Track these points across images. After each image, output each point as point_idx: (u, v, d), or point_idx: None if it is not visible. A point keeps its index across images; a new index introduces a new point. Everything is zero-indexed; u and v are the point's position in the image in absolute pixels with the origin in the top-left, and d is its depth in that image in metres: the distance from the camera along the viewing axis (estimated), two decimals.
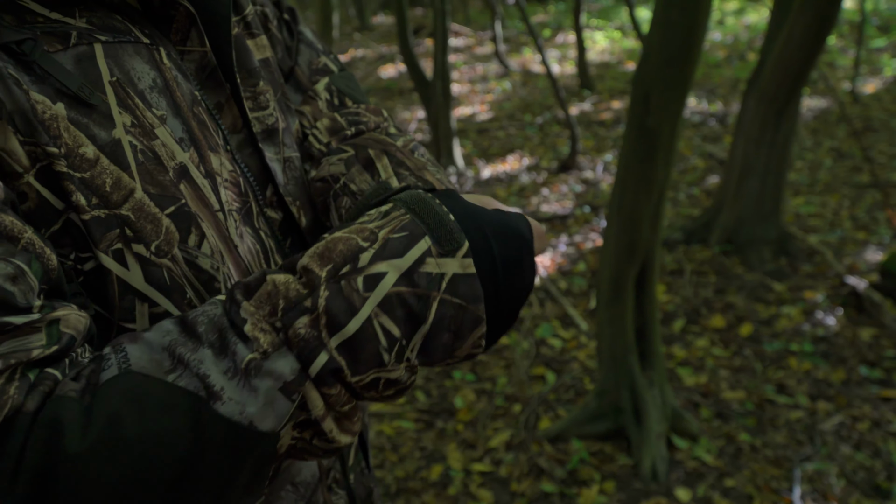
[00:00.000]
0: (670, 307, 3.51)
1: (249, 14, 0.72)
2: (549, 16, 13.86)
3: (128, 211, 0.53)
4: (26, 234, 0.48)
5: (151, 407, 0.45)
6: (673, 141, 2.32)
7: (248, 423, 0.46)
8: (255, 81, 0.68)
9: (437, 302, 0.50)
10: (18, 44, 0.50)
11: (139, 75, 0.56)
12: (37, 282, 0.47)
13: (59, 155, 0.50)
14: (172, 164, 0.56)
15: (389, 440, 2.71)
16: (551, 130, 6.54)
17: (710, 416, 2.75)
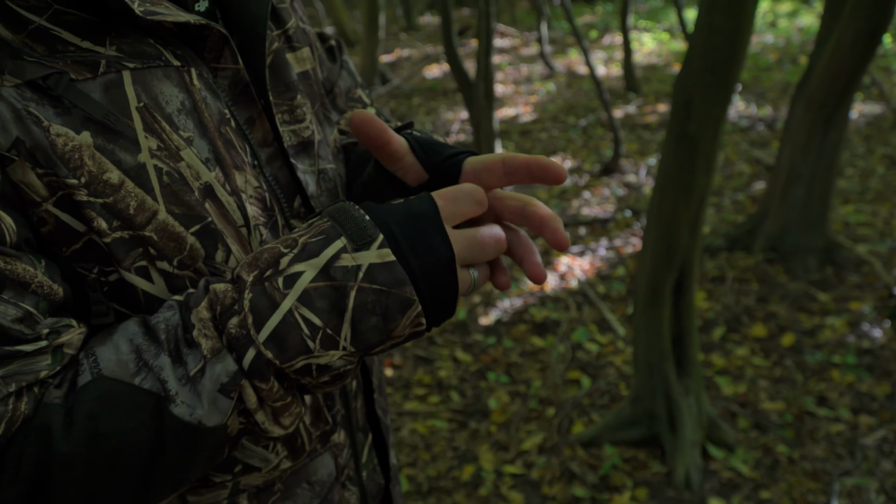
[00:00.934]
0: (710, 314, 3.46)
1: (291, 27, 0.74)
2: (597, 17, 13.75)
3: (151, 232, 0.56)
4: (36, 279, 0.53)
5: (121, 407, 0.52)
6: (714, 148, 2.29)
7: (198, 422, 0.53)
8: (293, 95, 0.70)
9: (354, 290, 0.54)
10: (44, 79, 0.53)
11: (167, 99, 0.58)
12: (42, 317, 0.54)
13: (79, 185, 0.54)
14: (198, 184, 0.59)
15: (423, 439, 2.74)
16: (595, 133, 6.50)
17: (748, 426, 2.71)
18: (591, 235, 4.42)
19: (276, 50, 0.70)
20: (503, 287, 0.65)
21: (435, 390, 3.04)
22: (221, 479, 0.67)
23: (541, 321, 3.48)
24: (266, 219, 0.64)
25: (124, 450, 0.52)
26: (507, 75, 8.96)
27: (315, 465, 0.73)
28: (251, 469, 0.68)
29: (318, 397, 0.72)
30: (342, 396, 0.77)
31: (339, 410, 0.76)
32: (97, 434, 0.51)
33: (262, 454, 0.68)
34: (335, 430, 0.75)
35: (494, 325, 3.48)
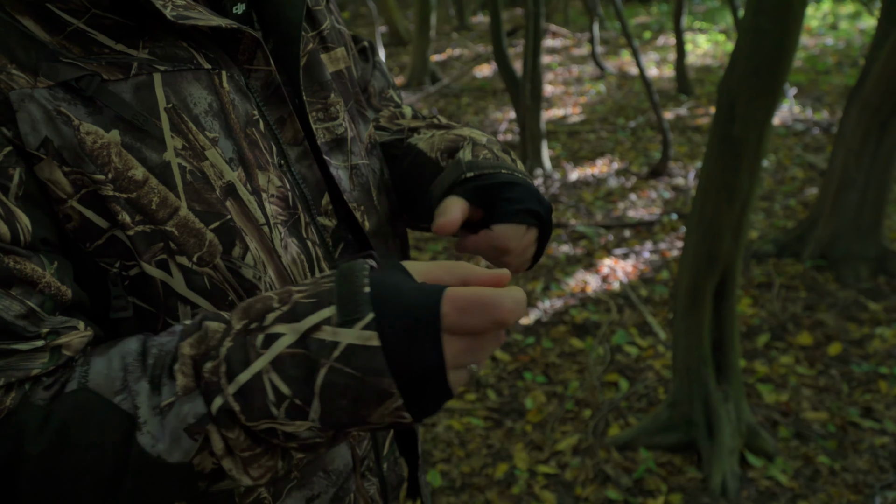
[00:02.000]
0: (755, 321, 3.40)
1: (326, 28, 0.76)
2: (652, 17, 13.57)
3: (172, 227, 0.59)
4: (44, 279, 0.55)
5: (93, 422, 0.52)
6: (759, 151, 2.26)
7: (157, 455, 0.53)
8: (327, 94, 0.73)
9: (325, 369, 0.51)
10: (77, 80, 0.56)
11: (195, 100, 0.61)
12: (47, 315, 0.55)
13: (106, 181, 0.57)
14: (220, 183, 0.61)
15: (458, 436, 2.76)
16: (644, 135, 6.43)
17: (789, 435, 2.66)
18: (635, 238, 4.38)
19: (310, 51, 0.73)
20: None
21: (472, 388, 3.06)
22: None
23: (581, 323, 3.47)
24: (287, 217, 0.67)
25: (88, 465, 0.52)
26: (557, 76, 8.92)
27: (332, 454, 0.75)
28: None
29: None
30: None
31: None
32: (66, 443, 0.52)
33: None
34: None
35: (534, 326, 3.49)
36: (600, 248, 4.26)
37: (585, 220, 4.68)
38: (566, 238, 4.43)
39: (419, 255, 4.34)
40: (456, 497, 2.47)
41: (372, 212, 0.78)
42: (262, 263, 0.63)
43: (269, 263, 0.64)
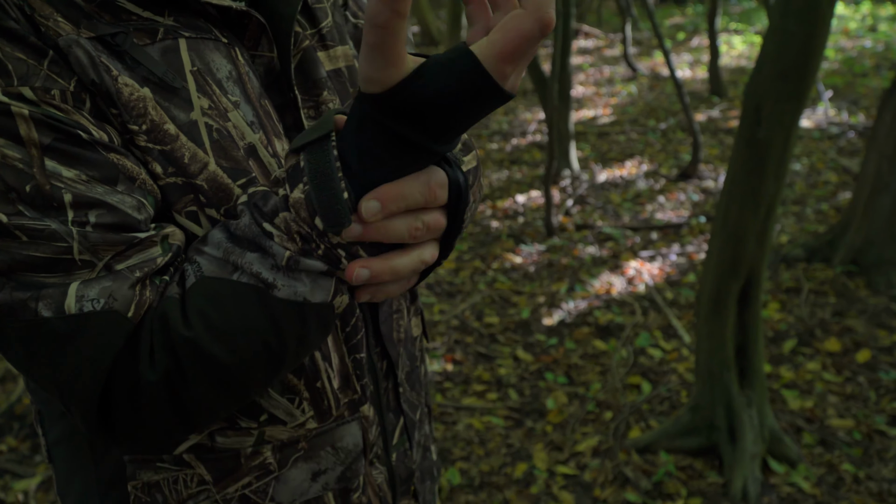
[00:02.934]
0: (782, 326, 3.36)
1: (326, 26, 0.78)
2: (686, 18, 13.43)
3: (202, 181, 0.62)
4: (141, 175, 0.59)
5: (226, 302, 0.57)
6: (785, 155, 2.24)
7: (303, 299, 0.57)
8: (319, 91, 0.75)
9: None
10: (112, 36, 0.60)
11: (217, 66, 0.65)
12: (152, 211, 0.60)
13: (139, 132, 0.60)
14: (243, 144, 0.64)
15: (478, 434, 2.78)
16: (674, 137, 6.37)
17: (813, 442, 2.63)
18: (662, 240, 4.35)
19: (305, 48, 0.74)
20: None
21: (494, 387, 3.07)
22: (247, 424, 0.70)
23: (605, 324, 3.46)
24: None
25: (241, 338, 0.57)
26: (588, 76, 8.88)
27: (342, 431, 0.76)
28: (276, 420, 0.71)
29: (347, 364, 0.75)
30: (371, 371, 0.80)
31: (368, 385, 0.79)
32: (211, 326, 0.56)
33: (287, 407, 0.71)
34: (364, 401, 0.78)
35: (557, 326, 3.49)
36: (626, 250, 4.24)
37: (612, 221, 4.66)
38: (592, 239, 4.42)
39: None
40: (475, 495, 2.48)
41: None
42: None
43: None
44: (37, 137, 0.55)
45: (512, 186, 5.43)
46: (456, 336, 3.44)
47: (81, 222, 0.56)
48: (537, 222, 4.68)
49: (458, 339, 3.43)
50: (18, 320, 0.55)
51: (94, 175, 0.56)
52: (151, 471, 0.70)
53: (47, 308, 0.55)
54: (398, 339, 0.85)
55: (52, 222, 0.55)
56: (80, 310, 0.55)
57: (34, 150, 0.55)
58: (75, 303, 0.55)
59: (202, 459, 0.71)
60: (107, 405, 0.57)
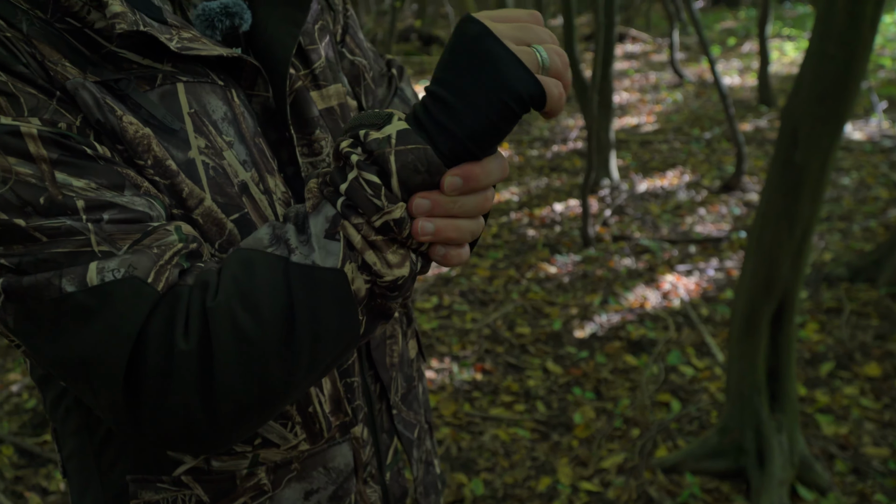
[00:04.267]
0: (820, 348, 3.29)
1: (319, 67, 0.81)
2: (738, 22, 13.18)
3: (198, 216, 0.66)
4: (145, 185, 0.63)
5: (256, 268, 0.60)
6: (823, 177, 2.20)
7: (312, 262, 0.60)
8: (312, 130, 0.78)
9: (392, 155, 0.59)
10: (116, 81, 0.64)
11: (213, 108, 0.69)
12: (163, 211, 0.64)
13: (147, 166, 0.64)
14: (236, 181, 0.69)
15: (504, 445, 2.78)
16: (719, 147, 6.27)
17: (845, 470, 2.57)
18: (700, 254, 4.29)
19: (298, 88, 0.77)
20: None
21: (522, 399, 3.07)
22: (242, 449, 0.74)
23: (637, 339, 3.43)
24: None
25: (261, 302, 0.59)
26: (633, 82, 8.79)
27: (333, 452, 0.80)
28: (270, 444, 0.75)
29: (339, 389, 0.79)
30: (364, 395, 0.84)
31: (361, 407, 0.83)
32: (240, 291, 0.59)
33: (280, 431, 0.75)
34: (355, 423, 0.81)
35: (588, 339, 3.47)
36: (663, 263, 4.19)
37: (650, 233, 4.61)
38: (629, 251, 4.38)
39: (479, 260, 4.37)
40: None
41: None
42: None
43: None
44: (45, 153, 0.59)
45: (550, 194, 5.41)
46: (487, 345, 3.46)
47: (96, 220, 0.59)
48: (574, 232, 4.66)
49: (489, 348, 3.44)
50: (45, 300, 0.58)
51: (103, 182, 0.60)
52: (152, 490, 0.74)
53: (70, 283, 0.58)
54: (391, 364, 0.89)
55: (66, 220, 0.58)
56: (102, 280, 0.58)
57: (44, 165, 0.59)
58: (97, 275, 0.58)
59: (199, 481, 0.75)
60: (135, 383, 0.58)
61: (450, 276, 4.19)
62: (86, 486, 0.79)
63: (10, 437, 2.83)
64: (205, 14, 0.72)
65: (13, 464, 2.73)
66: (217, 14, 0.72)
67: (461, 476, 2.63)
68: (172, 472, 0.74)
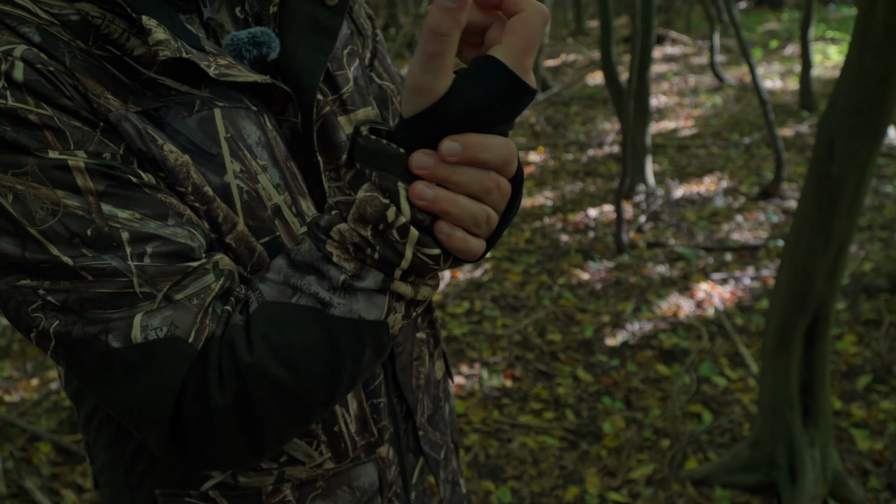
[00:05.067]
0: (858, 360, 3.24)
1: (347, 92, 0.82)
2: (781, 24, 12.95)
3: (230, 240, 0.68)
4: (187, 212, 0.65)
5: (286, 323, 0.61)
6: (860, 191, 2.17)
7: (358, 316, 0.61)
8: (339, 155, 0.80)
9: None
10: (156, 110, 0.67)
11: (248, 133, 0.70)
12: (203, 240, 0.65)
13: (187, 192, 0.67)
14: (270, 204, 0.70)
15: (532, 454, 2.79)
16: (758, 152, 6.18)
17: (880, 486, 2.53)
18: (737, 263, 4.24)
19: (326, 114, 0.79)
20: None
21: (551, 406, 3.08)
22: (268, 465, 0.76)
23: (669, 348, 3.41)
24: None
25: (298, 357, 0.60)
26: (672, 86, 8.70)
27: (358, 471, 0.81)
28: (295, 462, 0.76)
29: (364, 409, 0.80)
30: (391, 415, 0.85)
31: (388, 427, 0.84)
32: (273, 348, 0.60)
33: (306, 449, 0.77)
34: (381, 443, 0.82)
35: (620, 348, 3.46)
36: (698, 271, 4.15)
37: (686, 240, 4.57)
38: (663, 258, 4.35)
39: (511, 265, 4.38)
40: None
41: None
42: None
43: None
44: (93, 186, 0.61)
45: (585, 199, 5.39)
46: (517, 352, 3.46)
47: (140, 254, 0.61)
48: (608, 238, 4.64)
49: (519, 354, 3.45)
50: (93, 352, 0.61)
51: (147, 213, 0.62)
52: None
53: (116, 339, 0.61)
54: (417, 386, 0.90)
55: (112, 260, 0.61)
56: (146, 338, 0.61)
57: (91, 197, 0.61)
58: (140, 332, 0.61)
59: (226, 496, 0.77)
60: (180, 428, 0.62)
61: (482, 281, 4.20)
62: (116, 498, 0.82)
63: (48, 434, 2.93)
64: (233, 44, 0.74)
65: (50, 461, 2.82)
66: (245, 44, 0.74)
67: (488, 483, 2.64)
68: (200, 487, 0.76)
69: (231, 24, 0.78)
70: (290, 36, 0.78)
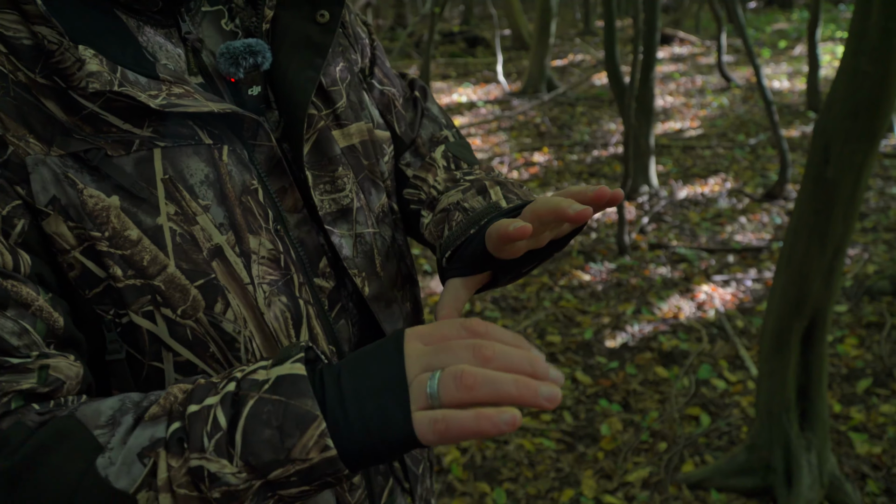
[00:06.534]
0: (858, 364, 3.22)
1: (341, 107, 0.83)
2: (791, 24, 12.89)
3: (159, 282, 0.67)
4: (37, 302, 0.62)
5: (66, 447, 0.57)
6: (856, 195, 2.16)
7: (105, 476, 0.56)
8: (335, 168, 0.80)
9: (253, 400, 0.56)
10: (84, 152, 0.65)
11: (192, 172, 0.69)
12: (40, 338, 0.62)
13: (102, 238, 0.65)
14: (208, 245, 0.69)
15: (528, 455, 2.79)
16: (764, 154, 6.15)
17: (878, 490, 2.52)
18: (739, 264, 4.23)
19: (321, 128, 0.79)
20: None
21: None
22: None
23: (668, 350, 3.40)
24: (278, 277, 0.74)
25: (47, 486, 0.56)
26: (678, 86, 8.67)
27: (315, 500, 0.79)
28: None
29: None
30: None
31: None
32: (35, 462, 0.56)
33: None
34: None
35: (619, 350, 3.45)
36: (699, 273, 4.14)
37: (688, 242, 4.56)
38: (665, 260, 4.34)
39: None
40: None
41: (373, 277, 0.84)
42: (242, 319, 0.71)
43: (250, 319, 0.71)
44: None
45: None
46: None
47: None
48: (610, 239, 4.63)
49: None
50: None
51: None
52: None
53: None
54: None
55: None
56: None
57: None
58: None
59: None
60: None
61: None
62: None
63: None
64: (229, 52, 0.74)
65: None
66: (241, 52, 0.74)
67: (484, 485, 2.65)
68: None
69: (217, 38, 0.78)
70: (283, 52, 0.78)
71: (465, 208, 0.82)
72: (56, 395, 0.62)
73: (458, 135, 1.01)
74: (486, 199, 0.83)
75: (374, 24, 11.63)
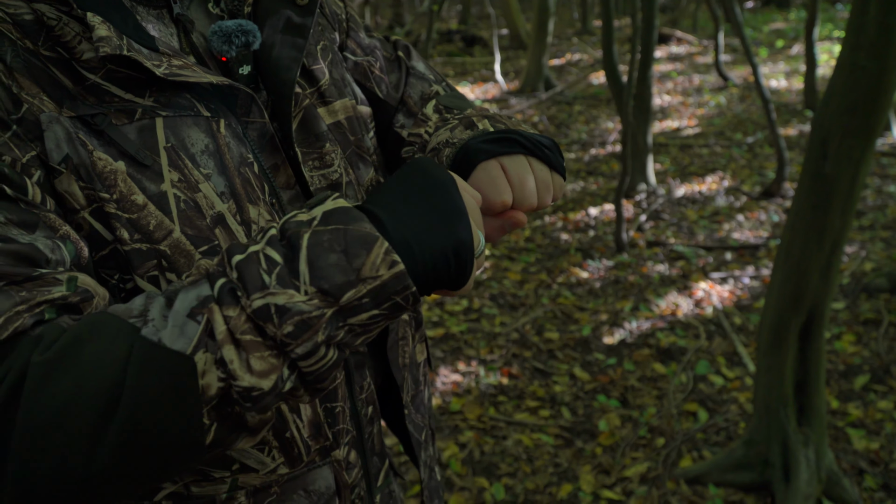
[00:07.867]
0: (856, 360, 3.23)
1: (325, 84, 0.84)
2: (788, 24, 12.92)
3: (165, 247, 0.68)
4: (64, 227, 0.64)
5: (102, 332, 0.57)
6: (853, 190, 2.16)
7: (158, 339, 0.56)
8: (322, 144, 0.81)
9: (308, 233, 0.58)
10: (92, 116, 0.67)
11: (193, 141, 0.70)
12: (69, 258, 0.63)
13: (110, 199, 0.66)
14: (211, 213, 0.70)
15: (526, 451, 2.80)
16: (761, 152, 6.17)
17: (875, 486, 2.53)
18: (736, 262, 4.23)
19: (306, 106, 0.81)
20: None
21: (547, 404, 3.08)
22: (220, 475, 0.74)
23: (666, 347, 3.41)
24: None
25: (88, 369, 0.55)
26: (676, 85, 8.68)
27: (313, 475, 0.80)
28: (248, 469, 0.75)
29: (318, 414, 0.79)
30: (353, 419, 0.84)
31: (348, 431, 0.83)
32: (70, 352, 0.55)
33: (258, 456, 0.75)
34: (336, 447, 0.82)
35: (617, 346, 3.46)
36: (697, 270, 4.15)
37: (686, 239, 4.57)
38: (663, 257, 4.34)
39: (510, 264, 4.38)
40: None
41: None
42: None
43: None
44: None
45: (586, 198, 5.39)
46: (514, 350, 3.47)
47: None
48: (608, 237, 4.64)
49: (517, 352, 3.45)
50: None
51: (13, 219, 0.61)
52: None
53: None
54: (403, 364, 0.91)
55: None
56: None
57: None
58: None
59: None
60: None
61: (481, 279, 4.21)
62: None
63: None
64: (222, 31, 0.75)
65: None
66: (234, 31, 0.76)
67: (482, 480, 2.65)
68: (153, 498, 0.75)
69: (205, 20, 0.79)
70: (266, 33, 0.79)
71: (454, 143, 0.83)
72: (87, 308, 0.62)
73: (449, 87, 1.01)
74: (474, 131, 0.84)
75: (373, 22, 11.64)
